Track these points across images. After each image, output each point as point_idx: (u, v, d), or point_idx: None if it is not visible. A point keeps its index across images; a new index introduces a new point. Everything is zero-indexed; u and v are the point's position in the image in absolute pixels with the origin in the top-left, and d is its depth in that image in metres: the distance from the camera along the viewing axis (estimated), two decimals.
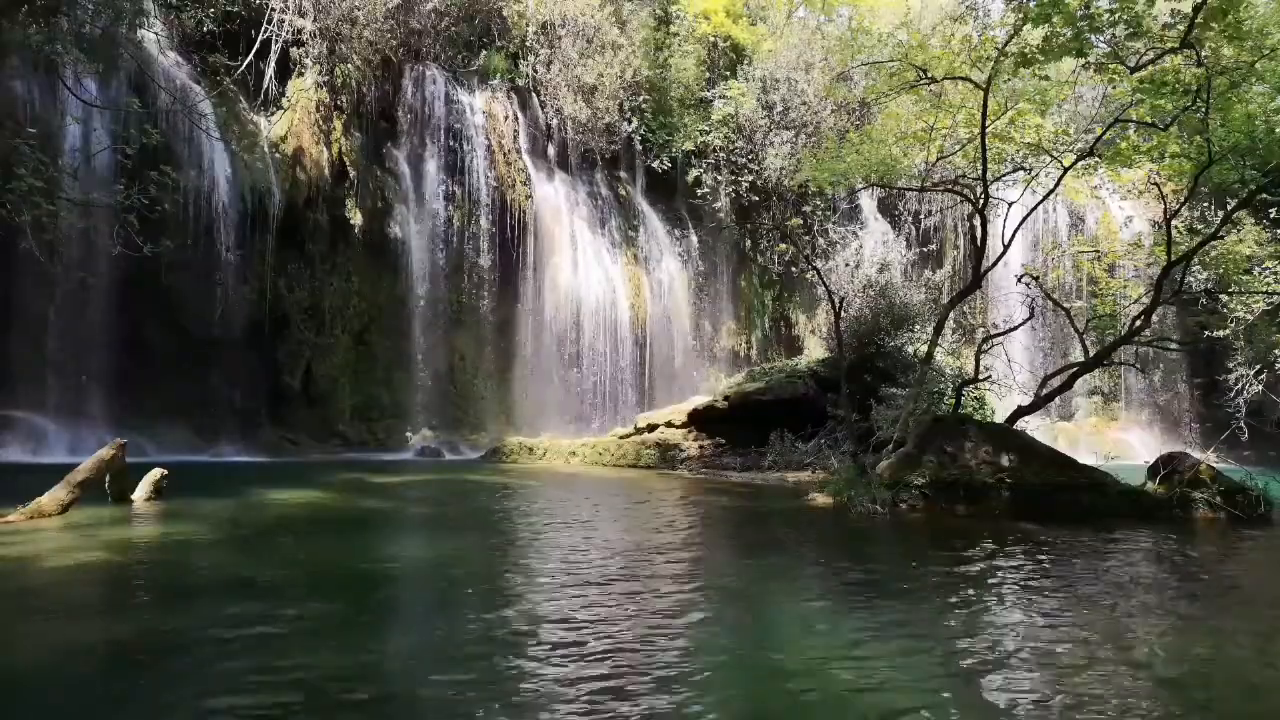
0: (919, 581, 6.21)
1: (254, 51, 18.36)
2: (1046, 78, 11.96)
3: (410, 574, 6.36)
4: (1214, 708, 3.73)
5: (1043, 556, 7.18)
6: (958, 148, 14.08)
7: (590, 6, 23.54)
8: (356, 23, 19.75)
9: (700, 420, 17.55)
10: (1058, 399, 17.14)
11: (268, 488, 10.68)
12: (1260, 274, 16.43)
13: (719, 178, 25.37)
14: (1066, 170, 12.77)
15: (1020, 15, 10.69)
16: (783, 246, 25.75)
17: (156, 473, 9.12)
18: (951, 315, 14.89)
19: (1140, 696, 3.76)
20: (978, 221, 13.00)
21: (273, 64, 18.79)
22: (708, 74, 26.13)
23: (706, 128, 25.19)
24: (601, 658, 4.05)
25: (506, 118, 22.60)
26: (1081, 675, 4.00)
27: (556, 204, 22.99)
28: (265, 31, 18.46)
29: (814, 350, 24.09)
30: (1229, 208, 12.14)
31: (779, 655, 4.22)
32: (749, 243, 26.58)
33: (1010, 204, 13.11)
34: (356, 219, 19.60)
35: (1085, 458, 12.01)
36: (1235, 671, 4.25)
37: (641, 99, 24.38)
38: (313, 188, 18.93)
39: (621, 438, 17.84)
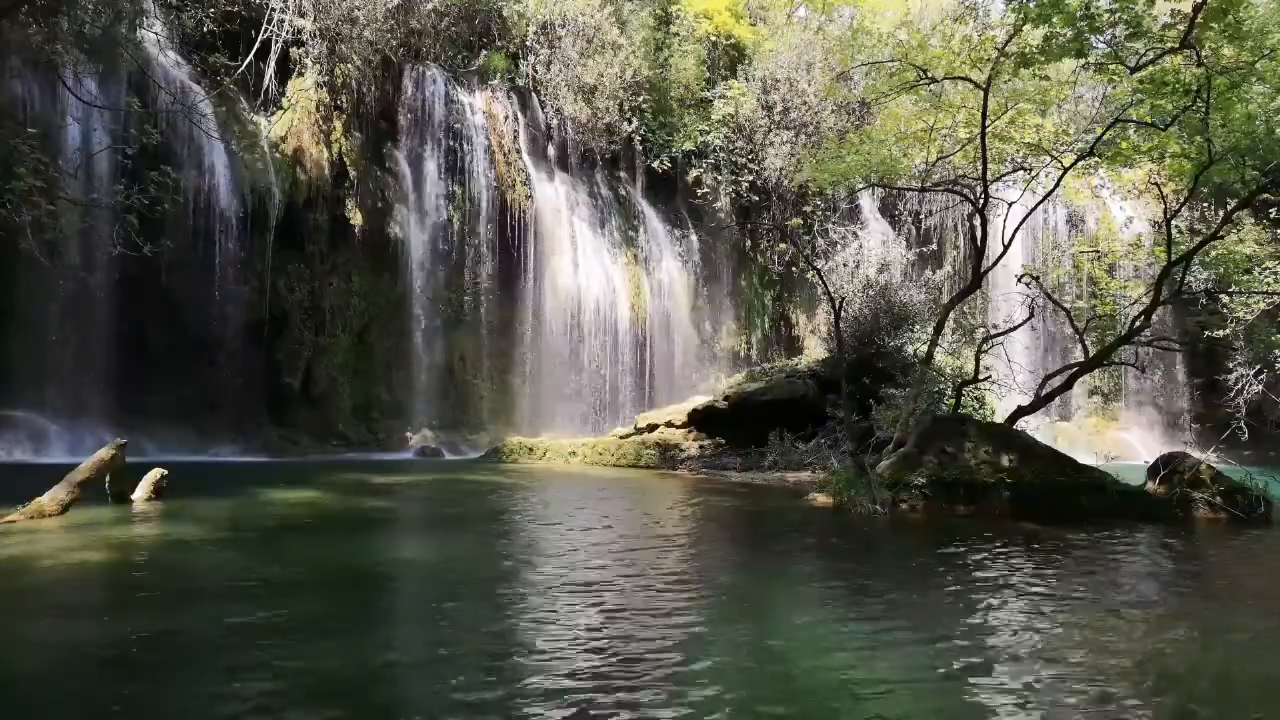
0: (919, 582, 6.21)
1: (254, 51, 18.34)
2: (1046, 78, 11.96)
3: (410, 575, 6.36)
4: (1215, 707, 3.73)
5: (1042, 557, 7.18)
6: (958, 148, 14.09)
7: (590, 6, 23.52)
8: (356, 23, 19.74)
9: (700, 420, 17.55)
10: (1058, 399, 17.14)
11: (267, 488, 10.67)
12: (1260, 274, 16.42)
13: (719, 178, 25.36)
14: (1066, 170, 12.77)
15: (1020, 15, 10.69)
16: (783, 246, 25.75)
17: (156, 473, 9.12)
18: (951, 315, 14.88)
19: (1140, 696, 3.76)
20: (977, 221, 13.00)
21: (273, 64, 18.77)
22: (708, 74, 26.11)
23: (706, 128, 25.18)
24: (601, 658, 4.05)
25: (506, 118, 22.59)
26: (1082, 675, 4.00)
27: (557, 204, 22.98)
28: (265, 31, 18.44)
29: (814, 350, 24.07)
30: (1229, 208, 12.15)
31: (779, 656, 4.22)
32: (749, 243, 26.57)
33: (1010, 204, 13.10)
34: (356, 219, 19.59)
35: (1085, 458, 12.00)
36: (1235, 670, 4.25)
37: (641, 99, 24.37)
38: (313, 188, 18.91)
39: (621, 438, 17.84)
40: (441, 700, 3.54)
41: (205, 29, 17.97)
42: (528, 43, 23.40)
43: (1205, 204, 21.18)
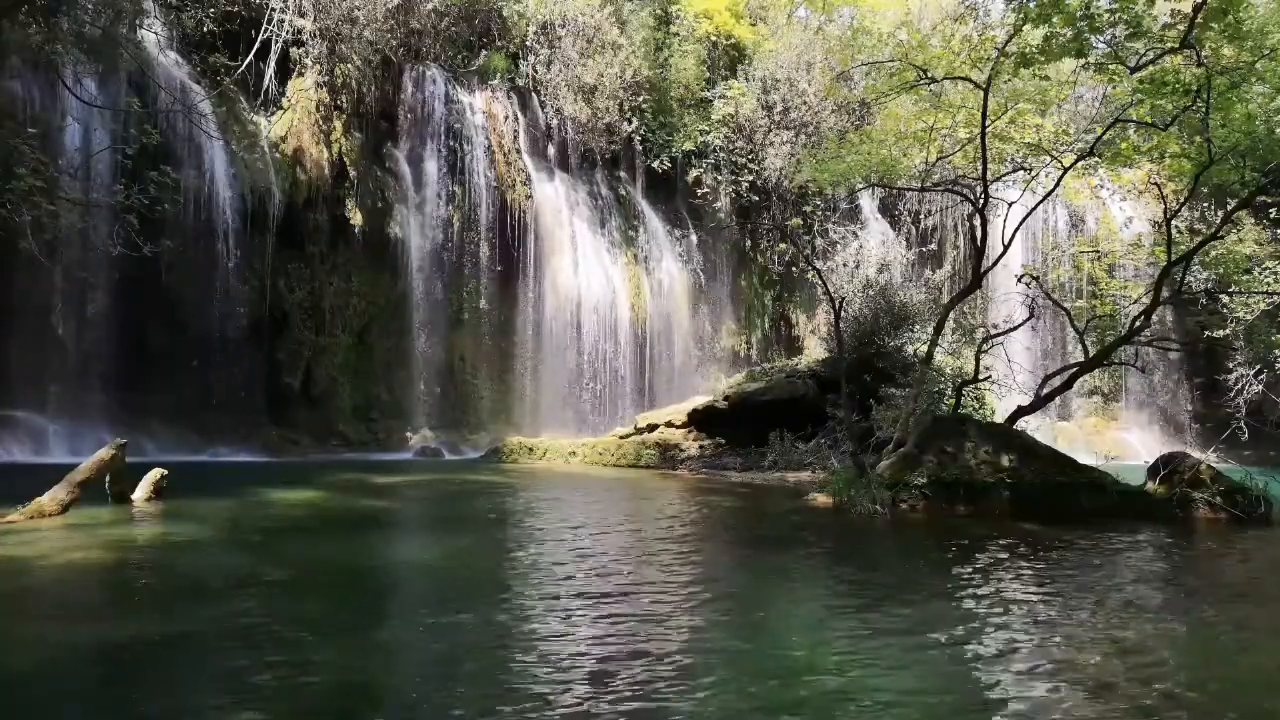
0: (918, 582, 6.21)
1: (254, 51, 18.33)
2: (1046, 78, 11.96)
3: (410, 575, 6.36)
4: (1217, 707, 3.72)
5: (1042, 557, 7.18)
6: (958, 148, 14.09)
7: (590, 6, 23.52)
8: (356, 23, 19.73)
9: (700, 420, 17.55)
10: (1058, 399, 17.13)
11: (267, 488, 10.68)
12: (1260, 274, 16.42)
13: (719, 178, 25.35)
14: (1066, 170, 12.77)
15: (1020, 15, 10.69)
16: (783, 246, 25.75)
17: (156, 473, 9.12)
18: (951, 315, 14.88)
19: (1139, 696, 3.76)
20: (977, 221, 13.00)
21: (273, 64, 18.77)
22: (708, 74, 26.10)
23: (706, 128, 25.17)
24: (601, 659, 4.05)
25: (506, 118, 22.59)
26: (1081, 676, 4.00)
27: (557, 204, 22.97)
28: (265, 31, 18.43)
29: (814, 350, 24.07)
30: (1229, 208, 12.14)
31: (778, 657, 4.22)
32: (749, 243, 26.56)
33: (1010, 204, 13.10)
34: (356, 219, 19.58)
35: (1085, 458, 12.00)
36: (1236, 671, 4.25)
37: (641, 99, 24.36)
38: (313, 188, 18.91)
39: (621, 438, 17.84)
40: (442, 703, 3.54)
41: (205, 29, 17.97)
42: (528, 43, 23.39)
43: (1205, 204, 21.15)
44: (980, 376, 13.35)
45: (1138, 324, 12.31)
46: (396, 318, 20.35)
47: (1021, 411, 11.98)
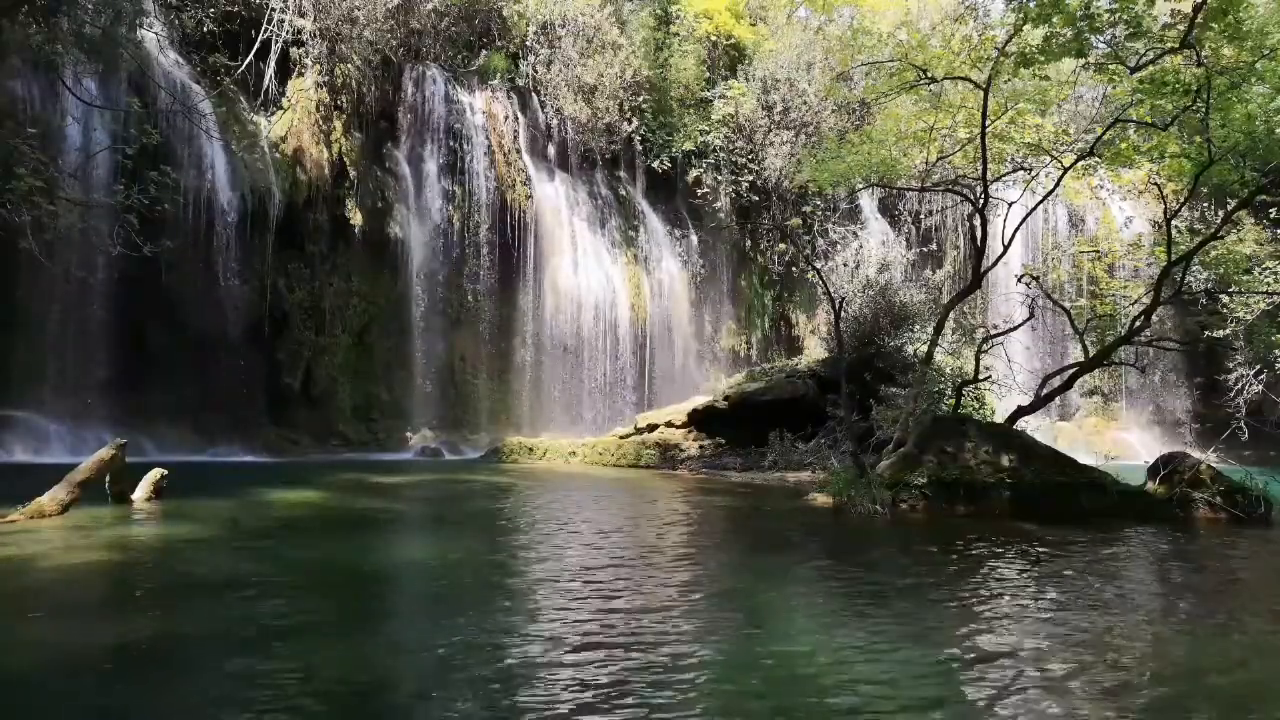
0: (919, 582, 6.21)
1: (254, 51, 18.34)
2: (1046, 78, 11.97)
3: (410, 575, 6.36)
4: (1217, 708, 3.72)
5: (1042, 557, 7.18)
6: (958, 148, 14.10)
7: (590, 6, 23.53)
8: (356, 23, 19.74)
9: (700, 420, 17.55)
10: (1058, 399, 17.14)
11: (267, 488, 10.67)
12: (1260, 274, 16.41)
13: (719, 178, 25.35)
14: (1066, 170, 12.77)
15: (1020, 15, 10.69)
16: (783, 246, 25.75)
17: (156, 473, 9.12)
18: (951, 315, 14.88)
19: (1139, 697, 3.76)
20: (977, 221, 13.00)
21: (273, 64, 18.78)
22: (708, 74, 26.11)
23: (706, 128, 25.18)
24: (600, 661, 4.05)
25: (506, 118, 22.59)
26: (1081, 677, 4.00)
27: (556, 204, 22.98)
28: (265, 31, 18.44)
29: (814, 350, 24.06)
30: (1229, 208, 12.14)
31: (779, 658, 4.22)
32: (749, 243, 26.57)
33: (1010, 204, 13.10)
34: (356, 219, 19.59)
35: (1085, 458, 12.00)
36: (1237, 672, 4.25)
37: (641, 99, 24.36)
38: (313, 188, 18.91)
39: (621, 438, 17.84)
40: (442, 704, 3.54)
41: (205, 29, 17.98)
42: (528, 43, 23.40)
43: (1205, 204, 21.17)
44: (980, 376, 13.35)
45: (1138, 324, 12.31)
46: (396, 318, 20.36)
47: (1021, 411, 11.98)
